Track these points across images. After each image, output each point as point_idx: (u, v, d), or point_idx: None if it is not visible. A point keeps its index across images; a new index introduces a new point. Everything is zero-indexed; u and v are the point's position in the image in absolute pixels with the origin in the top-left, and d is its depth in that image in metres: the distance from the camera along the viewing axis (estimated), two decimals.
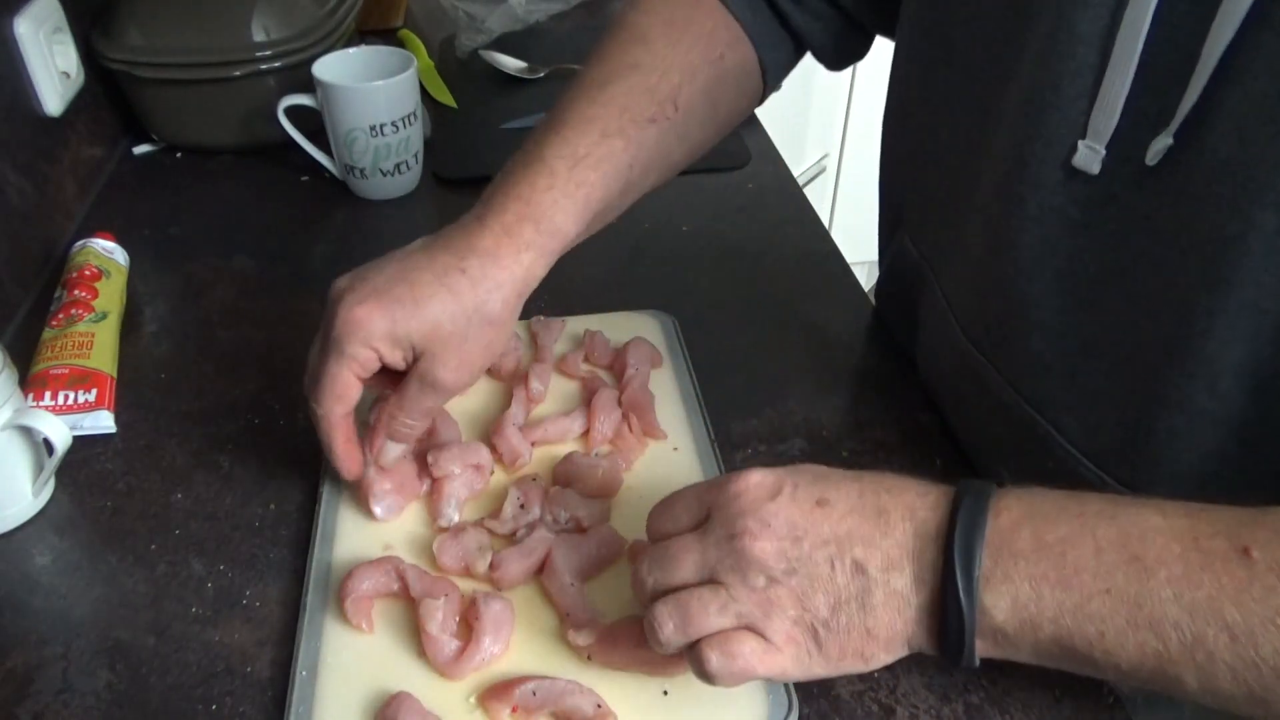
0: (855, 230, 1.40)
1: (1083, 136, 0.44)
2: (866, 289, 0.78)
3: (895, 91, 0.64)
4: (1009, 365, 0.53)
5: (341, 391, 0.52)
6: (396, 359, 0.52)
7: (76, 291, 0.70)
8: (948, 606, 0.39)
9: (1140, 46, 0.41)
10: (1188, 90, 0.39)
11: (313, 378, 0.53)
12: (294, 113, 0.87)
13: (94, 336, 0.67)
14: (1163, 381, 0.45)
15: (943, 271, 0.60)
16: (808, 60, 0.68)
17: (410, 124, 0.85)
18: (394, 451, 0.56)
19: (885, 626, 0.40)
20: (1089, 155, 0.44)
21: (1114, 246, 0.45)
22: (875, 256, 0.73)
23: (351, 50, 0.88)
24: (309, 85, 0.85)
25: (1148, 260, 0.44)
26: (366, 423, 0.57)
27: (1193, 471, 0.46)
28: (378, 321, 0.51)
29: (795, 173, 1.38)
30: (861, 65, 0.70)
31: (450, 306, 0.51)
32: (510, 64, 1.10)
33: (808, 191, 0.92)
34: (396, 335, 0.51)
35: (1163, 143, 0.41)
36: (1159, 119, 0.41)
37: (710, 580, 0.42)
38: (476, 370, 0.54)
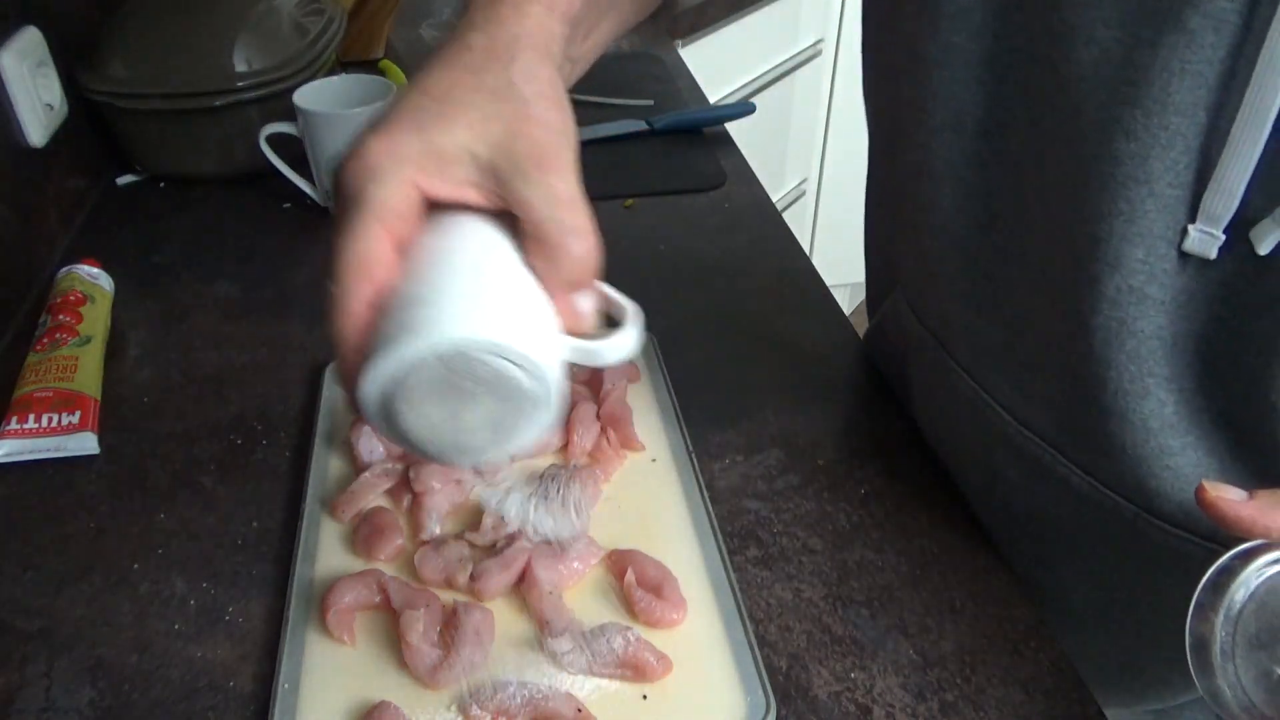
0: (834, 253, 1.42)
1: (1192, 220, 0.41)
2: (847, 311, 0.79)
3: (876, 155, 0.62)
4: (1099, 462, 0.51)
5: (364, 258, 0.38)
6: (462, 188, 0.40)
7: (61, 316, 0.70)
8: None
9: (1270, 123, 0.38)
10: None
11: (332, 258, 0.39)
12: (275, 140, 0.89)
13: (78, 360, 0.67)
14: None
15: (959, 345, 0.57)
16: (788, 86, 0.69)
17: None
18: (590, 306, 0.42)
19: None
20: (1205, 240, 0.41)
21: (1229, 331, 0.43)
22: (854, 279, 0.74)
23: (332, 79, 0.90)
24: (290, 114, 0.86)
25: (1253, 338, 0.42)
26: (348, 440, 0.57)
27: None
28: (407, 143, 0.38)
29: (775, 197, 1.40)
30: (841, 90, 0.72)
31: (478, 86, 0.39)
32: None
33: (788, 215, 0.94)
34: (442, 151, 0.38)
35: (1275, 234, 0.39)
36: (1266, 203, 0.39)
37: None
38: (570, 156, 0.40)
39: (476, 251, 0.39)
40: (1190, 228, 0.42)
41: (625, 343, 0.41)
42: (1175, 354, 0.45)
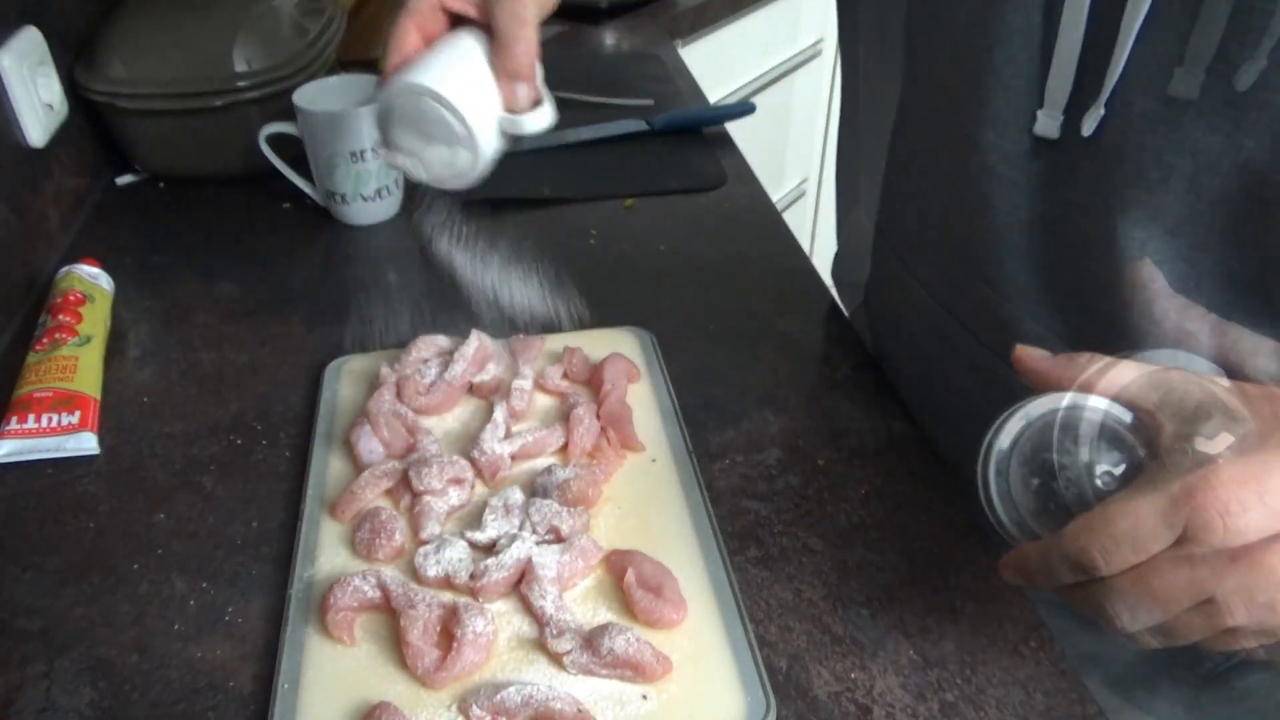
0: (834, 253, 1.42)
1: (1039, 105, 0.48)
2: (847, 312, 0.79)
3: (846, 74, 0.70)
4: (982, 328, 0.57)
5: (399, 39, 0.59)
6: (464, 4, 0.59)
7: (61, 316, 0.70)
8: None
9: (1085, 12, 0.44)
10: (1113, 61, 0.43)
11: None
12: (275, 141, 0.88)
13: (78, 360, 0.67)
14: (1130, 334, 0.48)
15: (897, 238, 0.65)
16: (788, 86, 0.74)
17: None
18: (525, 92, 0.59)
19: None
20: (1048, 123, 0.48)
21: (1074, 209, 0.49)
22: (854, 279, 0.75)
23: (332, 79, 0.90)
24: (290, 114, 0.86)
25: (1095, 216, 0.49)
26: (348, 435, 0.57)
27: None
28: None
29: (775, 197, 1.40)
30: (840, 89, 0.75)
31: None
32: None
33: (788, 215, 0.94)
34: None
35: (1095, 114, 0.45)
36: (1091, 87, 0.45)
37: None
38: None
39: (459, 45, 0.59)
40: (1038, 112, 0.49)
41: (541, 117, 0.60)
42: (1029, 231, 0.52)
